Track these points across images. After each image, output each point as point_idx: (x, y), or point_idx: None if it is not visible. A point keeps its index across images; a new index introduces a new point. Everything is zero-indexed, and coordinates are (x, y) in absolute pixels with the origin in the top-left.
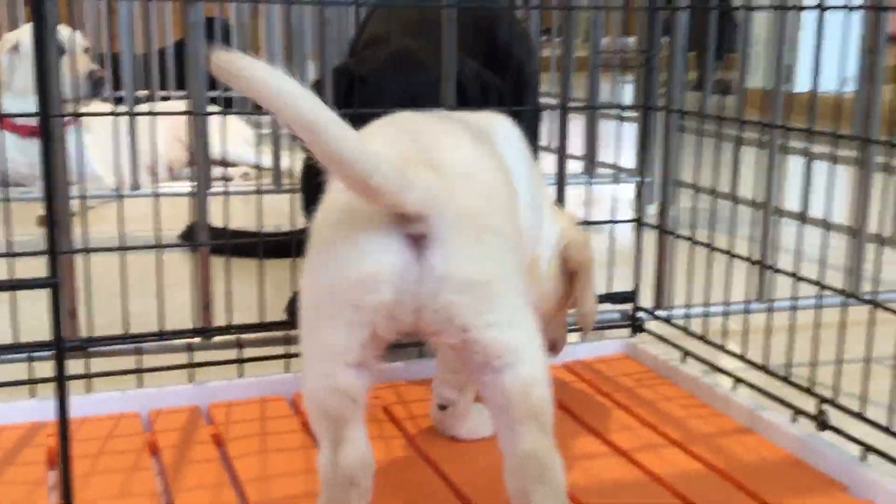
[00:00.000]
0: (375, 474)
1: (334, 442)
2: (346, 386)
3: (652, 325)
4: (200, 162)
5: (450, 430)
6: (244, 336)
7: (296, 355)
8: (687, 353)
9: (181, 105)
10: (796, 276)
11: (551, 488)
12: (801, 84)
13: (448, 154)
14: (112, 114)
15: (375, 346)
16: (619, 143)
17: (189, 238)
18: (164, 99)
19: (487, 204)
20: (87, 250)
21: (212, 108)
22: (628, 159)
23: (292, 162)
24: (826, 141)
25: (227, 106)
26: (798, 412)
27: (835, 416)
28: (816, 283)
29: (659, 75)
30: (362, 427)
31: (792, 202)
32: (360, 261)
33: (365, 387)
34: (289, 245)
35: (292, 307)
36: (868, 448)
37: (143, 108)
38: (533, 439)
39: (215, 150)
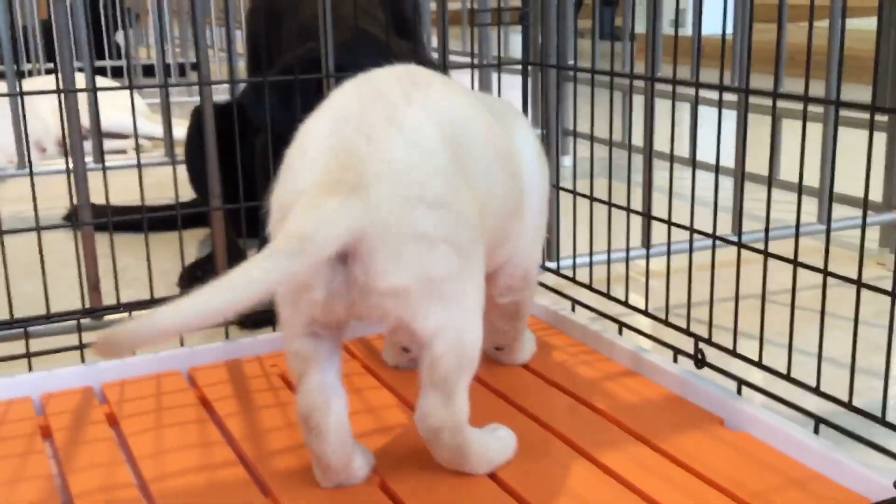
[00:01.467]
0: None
1: (297, 389)
2: (297, 348)
3: (543, 276)
4: (73, 140)
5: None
6: (135, 313)
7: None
8: (575, 302)
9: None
10: (669, 223)
11: (439, 447)
12: (690, 27)
13: (388, 146)
14: None
15: (325, 325)
16: (509, 97)
17: (73, 218)
18: (50, 72)
19: (417, 204)
20: None
21: (100, 78)
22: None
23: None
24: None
25: (116, 76)
26: (678, 352)
27: (713, 354)
28: (687, 227)
29: (542, 29)
30: (319, 377)
31: (682, 147)
32: None
33: (320, 348)
34: (175, 218)
35: (185, 280)
36: (742, 382)
37: (25, 83)
38: (428, 404)
39: (107, 123)
